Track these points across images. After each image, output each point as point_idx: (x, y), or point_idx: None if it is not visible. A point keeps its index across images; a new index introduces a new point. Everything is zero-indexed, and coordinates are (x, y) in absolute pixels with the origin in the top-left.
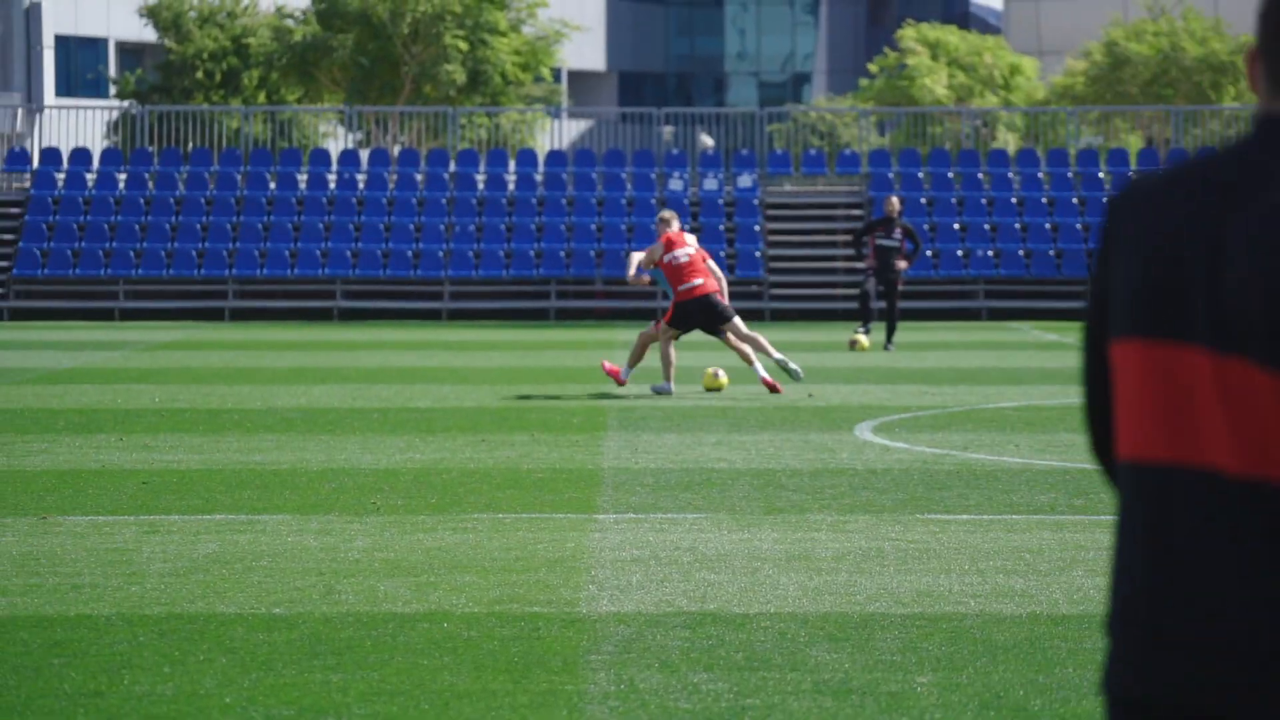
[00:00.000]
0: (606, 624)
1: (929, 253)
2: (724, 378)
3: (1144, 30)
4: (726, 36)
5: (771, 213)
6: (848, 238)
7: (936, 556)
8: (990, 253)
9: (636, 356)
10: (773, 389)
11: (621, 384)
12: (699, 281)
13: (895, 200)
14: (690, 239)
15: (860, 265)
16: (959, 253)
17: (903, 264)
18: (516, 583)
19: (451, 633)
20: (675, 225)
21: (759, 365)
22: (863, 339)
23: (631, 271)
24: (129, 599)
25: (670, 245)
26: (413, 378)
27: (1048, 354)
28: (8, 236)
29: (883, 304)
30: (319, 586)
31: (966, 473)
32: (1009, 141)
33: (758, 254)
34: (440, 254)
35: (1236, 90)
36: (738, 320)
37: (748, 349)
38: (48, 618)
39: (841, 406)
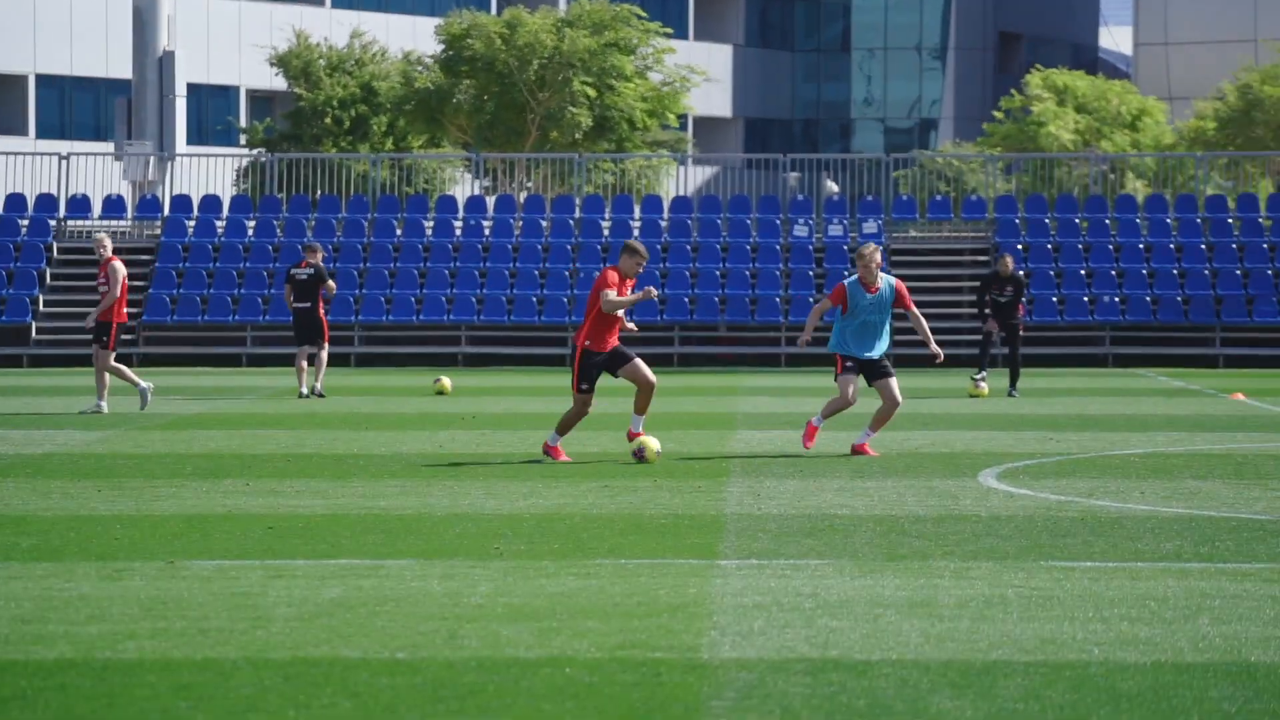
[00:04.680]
0: (728, 670)
1: (1054, 299)
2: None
3: (1278, 74)
4: (853, 83)
5: (897, 259)
6: (975, 284)
7: (1060, 604)
8: (1117, 299)
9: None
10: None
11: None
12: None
13: (1009, 260)
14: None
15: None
16: (1085, 299)
17: (1019, 313)
18: (639, 628)
19: (574, 678)
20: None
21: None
22: (983, 387)
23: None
24: (254, 643)
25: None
26: (537, 423)
27: (1174, 401)
28: (139, 283)
29: (1005, 350)
30: (442, 631)
31: (1091, 520)
32: (1137, 187)
33: None
34: (565, 300)
35: None
36: None
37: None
38: (174, 661)
39: (965, 453)
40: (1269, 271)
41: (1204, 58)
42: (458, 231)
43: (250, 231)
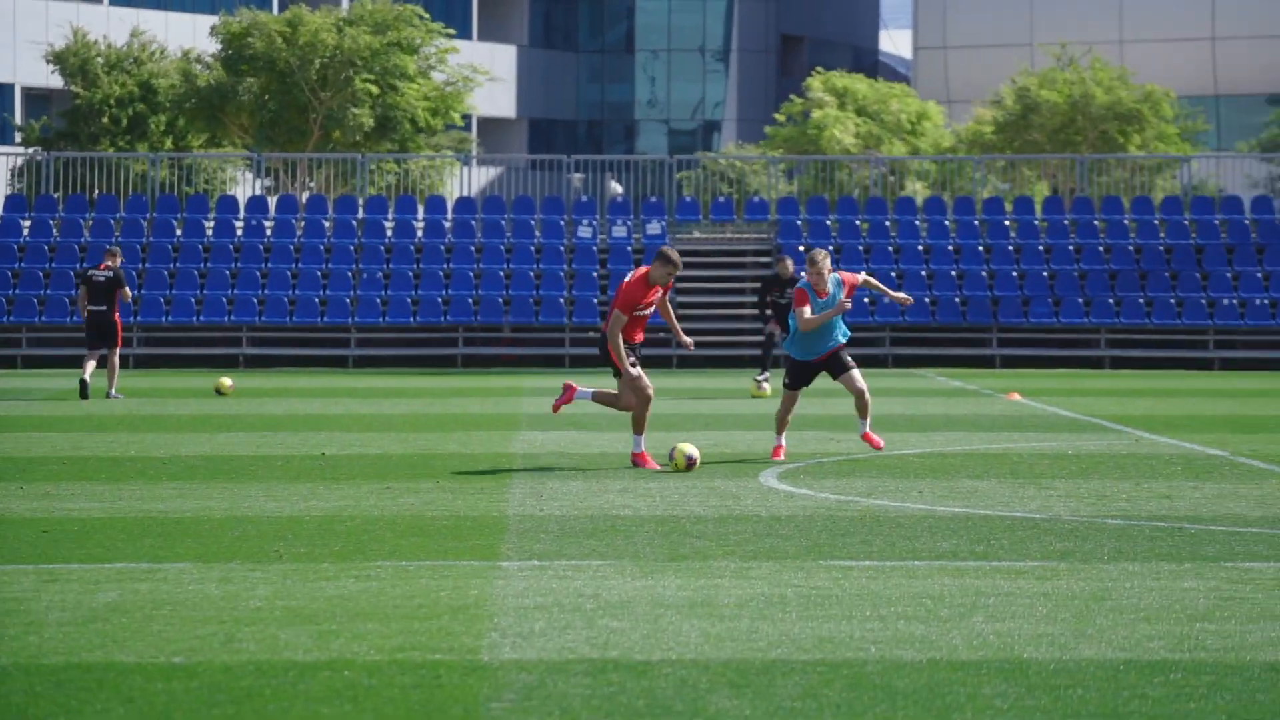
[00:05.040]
0: (508, 671)
1: None
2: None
3: (1054, 78)
4: (637, 84)
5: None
6: (757, 285)
7: (838, 603)
8: None
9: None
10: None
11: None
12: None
13: (789, 262)
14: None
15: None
16: (865, 300)
17: None
18: (419, 630)
19: (352, 681)
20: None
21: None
22: (765, 388)
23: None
24: (26, 649)
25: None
26: (318, 425)
27: (951, 401)
28: None
29: None
30: (219, 635)
31: (869, 519)
32: (916, 189)
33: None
34: (347, 301)
35: (1142, 139)
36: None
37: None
38: None
39: (747, 454)
40: (1044, 273)
41: (982, 62)
42: (239, 232)
43: (26, 231)
